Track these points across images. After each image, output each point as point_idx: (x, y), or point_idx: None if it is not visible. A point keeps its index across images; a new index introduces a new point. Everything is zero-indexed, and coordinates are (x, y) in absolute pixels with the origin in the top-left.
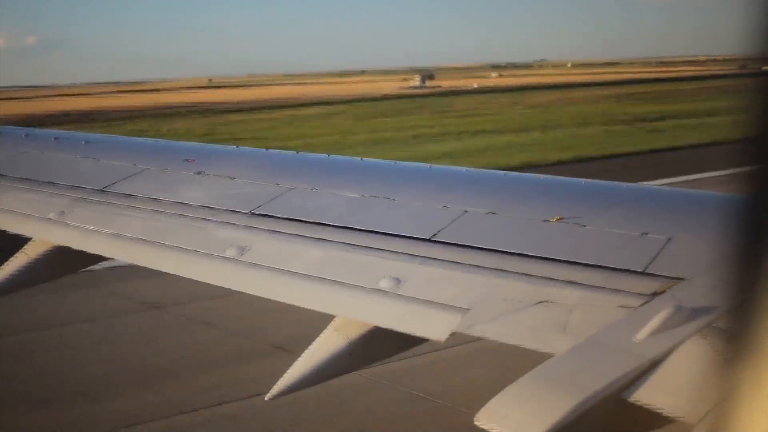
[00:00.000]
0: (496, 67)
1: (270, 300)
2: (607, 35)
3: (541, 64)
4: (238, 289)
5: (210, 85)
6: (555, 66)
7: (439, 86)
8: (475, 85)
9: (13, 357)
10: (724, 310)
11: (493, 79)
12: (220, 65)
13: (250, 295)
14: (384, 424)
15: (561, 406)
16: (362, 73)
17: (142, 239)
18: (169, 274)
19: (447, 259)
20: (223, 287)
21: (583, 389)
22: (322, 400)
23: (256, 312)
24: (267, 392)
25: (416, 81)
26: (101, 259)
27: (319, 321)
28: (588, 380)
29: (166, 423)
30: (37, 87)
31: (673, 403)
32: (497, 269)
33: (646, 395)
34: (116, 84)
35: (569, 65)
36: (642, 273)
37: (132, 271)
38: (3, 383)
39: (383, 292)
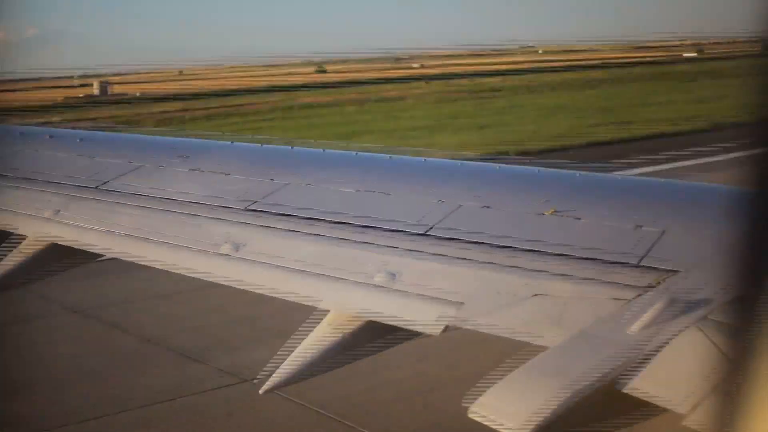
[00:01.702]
0: (472, 54)
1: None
2: (601, 20)
3: (524, 51)
4: (233, 284)
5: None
6: (525, 52)
7: (125, 94)
8: (138, 93)
9: None
10: (721, 302)
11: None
12: None
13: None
14: None
15: (553, 399)
16: (346, 61)
17: (137, 236)
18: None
19: (442, 253)
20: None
21: (575, 381)
22: None
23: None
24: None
25: (95, 89)
26: (96, 256)
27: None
28: (581, 372)
29: None
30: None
31: (666, 393)
32: (492, 263)
33: (639, 386)
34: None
35: (540, 51)
36: (636, 266)
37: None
38: None
39: (378, 287)
